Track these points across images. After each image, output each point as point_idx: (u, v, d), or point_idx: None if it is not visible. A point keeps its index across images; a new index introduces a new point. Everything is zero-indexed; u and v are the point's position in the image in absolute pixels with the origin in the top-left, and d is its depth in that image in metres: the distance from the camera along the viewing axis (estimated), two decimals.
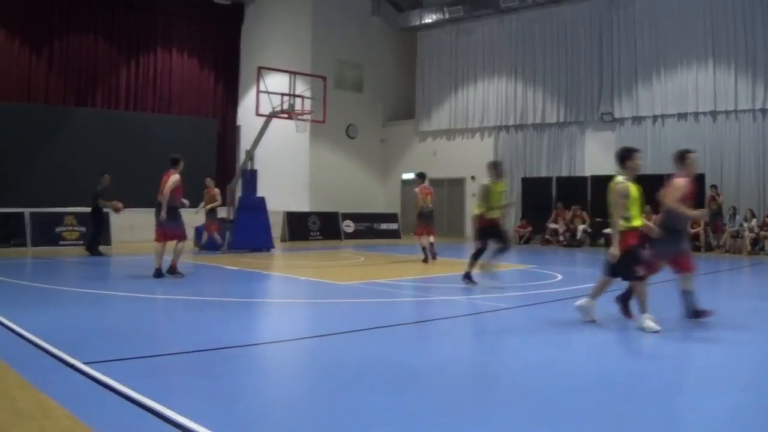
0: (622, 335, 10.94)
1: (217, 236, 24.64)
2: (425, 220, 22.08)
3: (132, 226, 28.66)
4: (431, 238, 22.17)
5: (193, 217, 27.52)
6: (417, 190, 22.51)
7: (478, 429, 6.06)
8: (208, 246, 24.75)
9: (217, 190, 25.08)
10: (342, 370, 8.09)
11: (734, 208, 28.32)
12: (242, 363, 8.58)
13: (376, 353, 9.00)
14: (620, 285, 10.80)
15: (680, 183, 11.53)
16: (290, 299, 14.86)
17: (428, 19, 38.78)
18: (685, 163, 11.90)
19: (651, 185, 29.82)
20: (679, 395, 7.36)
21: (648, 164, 30.94)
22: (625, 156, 11.44)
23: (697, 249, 27.78)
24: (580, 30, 34.13)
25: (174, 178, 17.22)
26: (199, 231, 25.49)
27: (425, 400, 6.90)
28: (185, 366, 8.21)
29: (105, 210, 22.79)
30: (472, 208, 20.67)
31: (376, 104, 40.69)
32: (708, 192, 28.72)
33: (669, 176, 28.47)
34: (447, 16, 37.91)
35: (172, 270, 16.58)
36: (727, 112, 29.77)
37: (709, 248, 28.61)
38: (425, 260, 21.78)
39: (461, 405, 6.82)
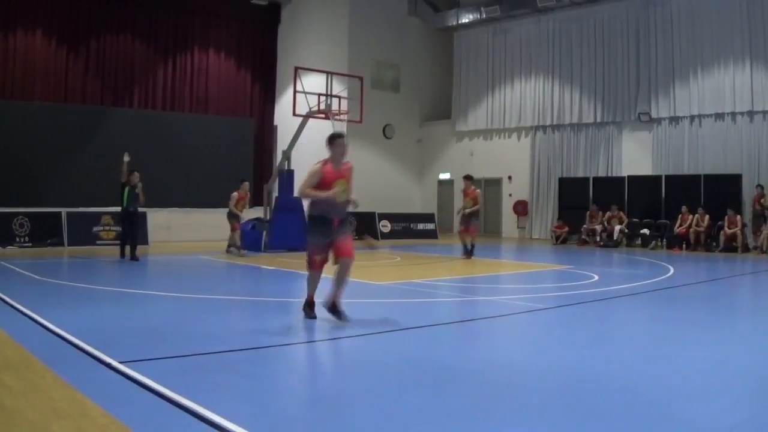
0: (660, 334, 10.75)
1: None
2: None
3: (170, 226, 29.17)
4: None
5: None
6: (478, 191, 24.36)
7: (516, 429, 5.99)
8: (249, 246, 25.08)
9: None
10: (379, 369, 8.06)
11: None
12: (279, 362, 8.62)
13: (414, 353, 8.93)
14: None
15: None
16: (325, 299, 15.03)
17: (465, 19, 38.65)
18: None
19: (689, 185, 30.45)
20: (712, 398, 6.98)
21: (685, 165, 31.40)
22: None
23: (733, 249, 27.76)
24: (617, 29, 33.92)
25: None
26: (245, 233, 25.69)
27: (464, 400, 6.84)
28: (222, 365, 8.15)
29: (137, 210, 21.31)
30: None
31: (413, 104, 40.50)
32: (754, 192, 28.43)
33: (707, 176, 28.74)
34: (484, 16, 37.74)
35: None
36: (764, 113, 29.39)
37: (747, 249, 28.16)
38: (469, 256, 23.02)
39: (499, 405, 6.75)
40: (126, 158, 20.46)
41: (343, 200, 10.79)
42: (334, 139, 10.99)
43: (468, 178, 23.98)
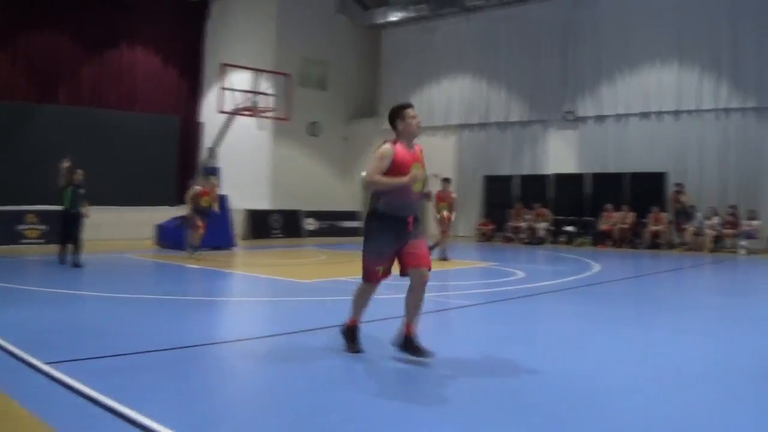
0: (586, 330, 10.78)
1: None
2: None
3: (98, 224, 28.11)
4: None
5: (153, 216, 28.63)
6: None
7: (447, 425, 5.96)
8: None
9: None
10: (307, 368, 7.98)
11: (693, 206, 28.36)
12: (206, 362, 8.46)
13: (340, 351, 8.73)
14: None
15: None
16: (253, 297, 14.66)
17: (393, 17, 38.58)
18: None
19: (615, 183, 30.82)
20: (638, 392, 7.03)
21: (610, 163, 31.70)
22: None
23: (658, 246, 28.21)
24: (545, 29, 34.13)
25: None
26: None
27: (395, 398, 6.84)
28: (149, 365, 7.99)
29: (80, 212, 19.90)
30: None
31: (340, 102, 40.18)
32: (671, 190, 29.26)
33: (633, 174, 29.09)
34: (412, 14, 37.73)
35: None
36: (690, 112, 29.96)
37: (671, 246, 28.73)
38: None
39: (430, 401, 6.74)
40: (65, 164, 18.75)
41: (419, 191, 8.27)
42: (402, 110, 8.40)
43: (447, 180, 23.25)
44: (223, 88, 26.39)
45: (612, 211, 30.07)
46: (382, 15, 39.06)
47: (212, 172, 24.61)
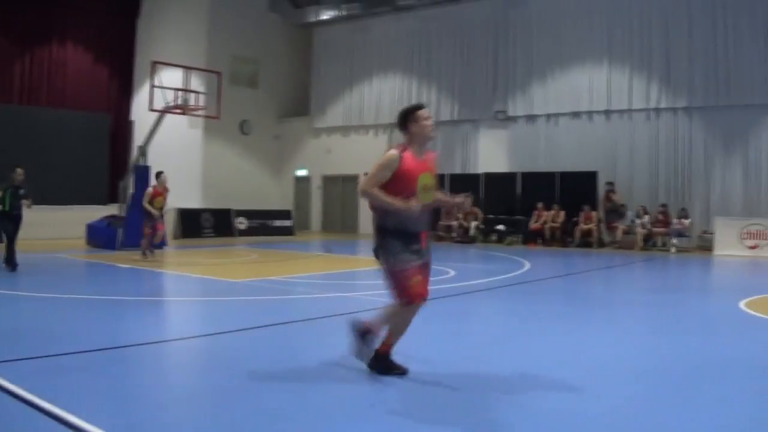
0: (519, 328, 10.85)
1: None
2: None
3: (30, 224, 27.51)
4: None
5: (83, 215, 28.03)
6: None
7: (378, 425, 5.95)
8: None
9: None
10: (239, 367, 7.86)
11: (624, 205, 28.59)
12: (138, 362, 8.27)
13: (273, 351, 8.82)
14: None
15: None
16: (184, 297, 14.45)
17: (325, 16, 38.03)
18: None
19: (545, 182, 30.43)
20: (571, 389, 7.09)
21: (541, 162, 31.53)
22: None
23: (589, 245, 28.26)
24: (476, 29, 33.81)
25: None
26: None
27: (323, 397, 6.76)
28: (79, 365, 7.80)
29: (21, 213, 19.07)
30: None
31: (271, 100, 39.48)
32: (603, 189, 29.25)
33: (563, 173, 29.35)
34: (344, 12, 37.26)
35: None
36: (620, 112, 30.00)
37: (602, 244, 28.71)
38: None
39: (361, 401, 6.70)
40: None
41: (429, 203, 7.40)
42: (414, 111, 7.49)
43: None
44: (154, 86, 25.82)
45: (543, 210, 29.90)
46: (314, 13, 38.43)
47: (160, 171, 22.22)
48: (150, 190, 21.04)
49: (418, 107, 7.58)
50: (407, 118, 7.47)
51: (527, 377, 7.59)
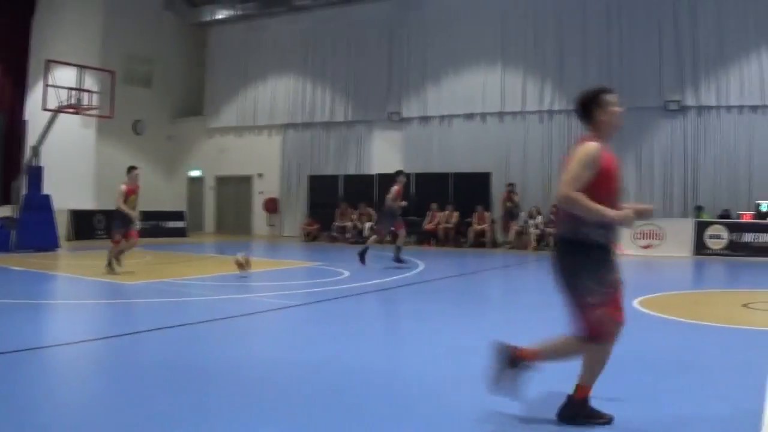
0: (413, 328, 10.90)
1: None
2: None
3: None
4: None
5: None
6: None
7: (273, 427, 5.90)
8: None
9: None
10: (134, 371, 7.77)
11: (517, 206, 28.24)
12: (31, 367, 7.95)
13: (169, 353, 8.62)
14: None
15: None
16: (78, 300, 13.72)
17: (220, 15, 36.58)
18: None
19: (439, 183, 29.11)
20: (466, 388, 7.12)
21: (435, 163, 30.82)
22: None
23: (482, 245, 27.79)
24: (371, 30, 32.90)
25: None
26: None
27: (221, 399, 6.66)
28: None
29: None
30: None
31: (165, 100, 38.05)
32: (504, 190, 28.71)
33: (457, 174, 29.52)
34: (239, 12, 35.89)
35: None
36: (514, 113, 29.66)
37: (495, 245, 28.18)
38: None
39: (257, 403, 6.62)
40: None
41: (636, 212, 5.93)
42: (602, 94, 5.94)
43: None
44: (48, 85, 25.09)
45: (436, 211, 29.18)
46: (210, 13, 36.92)
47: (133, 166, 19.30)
48: (123, 187, 17.54)
49: (605, 90, 5.97)
50: (593, 103, 5.92)
51: (419, 377, 7.58)
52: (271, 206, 35.54)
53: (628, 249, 24.37)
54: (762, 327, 10.81)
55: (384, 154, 32.70)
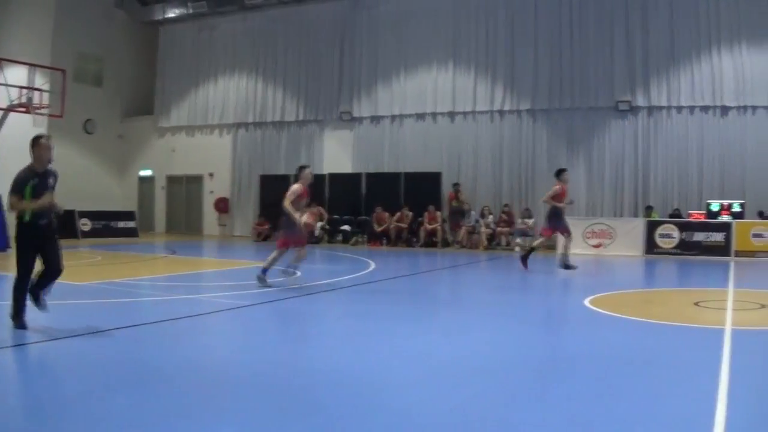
0: (365, 328, 10.65)
1: None
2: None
3: None
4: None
5: None
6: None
7: (227, 428, 5.74)
8: None
9: None
10: (85, 372, 7.56)
11: (468, 205, 27.85)
12: None
13: (120, 354, 8.38)
14: None
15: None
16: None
17: (171, 14, 35.76)
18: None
19: (390, 183, 27.74)
20: (421, 387, 7.07)
21: (386, 163, 30.33)
22: None
23: (433, 244, 27.22)
24: (323, 29, 32.28)
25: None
26: None
27: (174, 400, 6.50)
28: None
29: None
30: None
31: (115, 99, 37.28)
32: (449, 190, 28.27)
33: (408, 174, 29.27)
34: (191, 11, 35.09)
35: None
36: (465, 113, 29.31)
37: (446, 244, 27.58)
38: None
39: (210, 404, 6.49)
40: None
41: None
42: None
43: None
44: None
45: (381, 213, 28.66)
46: (161, 11, 36.02)
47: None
48: (297, 187, 14.76)
49: None
50: None
51: (373, 377, 7.46)
52: (222, 206, 34.90)
53: (578, 248, 24.36)
54: (713, 325, 10.61)
55: (335, 153, 32.03)
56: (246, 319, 11.54)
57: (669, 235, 24.54)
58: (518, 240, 26.40)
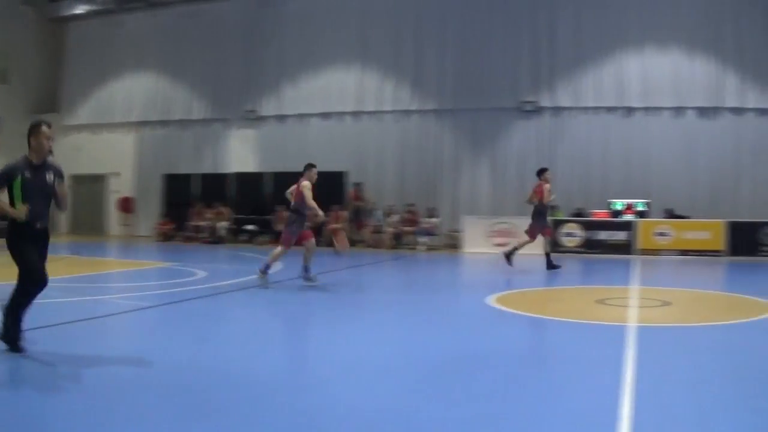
0: (272, 327, 10.68)
1: None
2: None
3: None
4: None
5: None
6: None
7: (133, 429, 5.57)
8: None
9: None
10: None
11: (373, 204, 27.28)
12: None
13: (22, 357, 7.85)
14: None
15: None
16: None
17: (79, 10, 34.17)
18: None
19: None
20: (323, 387, 6.90)
21: (292, 162, 30.68)
22: None
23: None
24: (229, 27, 31.19)
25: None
26: None
27: (76, 402, 6.22)
28: None
29: None
30: None
31: (21, 96, 35.41)
32: (351, 189, 27.32)
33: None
34: (98, 7, 33.58)
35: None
36: (370, 113, 28.65)
37: (352, 243, 26.18)
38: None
39: (112, 406, 6.20)
40: None
41: None
42: None
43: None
44: None
45: (282, 212, 28.57)
46: (68, 7, 34.42)
47: None
48: (308, 183, 15.90)
49: None
50: None
51: (279, 377, 7.33)
52: (126, 206, 33.58)
53: (482, 247, 23.46)
54: (617, 322, 10.50)
55: (240, 152, 30.65)
56: (148, 320, 11.09)
57: (573, 234, 24.09)
58: (423, 239, 25.64)
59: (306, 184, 15.18)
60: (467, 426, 5.62)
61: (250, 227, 28.77)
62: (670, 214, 24.02)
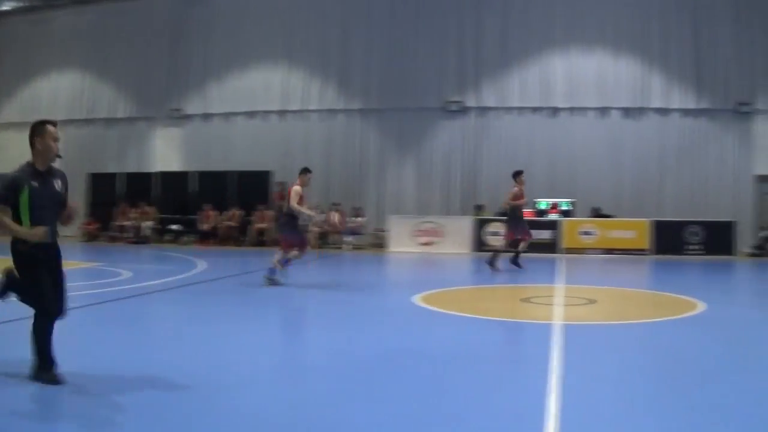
0: (196, 328, 10.29)
1: None
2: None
3: None
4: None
5: None
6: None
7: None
8: None
9: None
10: None
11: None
12: None
13: None
14: None
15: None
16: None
17: (5, 7, 32.60)
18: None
19: (221, 181, 29.51)
20: (251, 387, 6.88)
21: (216, 161, 28.30)
22: None
23: (263, 243, 25.64)
24: (155, 26, 30.45)
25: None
26: None
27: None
28: None
29: None
30: None
31: None
32: (275, 189, 26.71)
33: (239, 173, 28.28)
34: (24, 4, 32.24)
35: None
36: (295, 112, 28.21)
37: (277, 243, 27.89)
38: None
39: (34, 409, 6.15)
40: None
41: None
42: None
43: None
44: None
45: (210, 211, 27.28)
46: None
47: None
48: (299, 189, 15.17)
49: None
50: None
51: (207, 377, 7.12)
52: None
53: (408, 246, 23.00)
54: (541, 320, 10.50)
55: (165, 151, 29.36)
56: (71, 322, 10.63)
57: (498, 233, 24.19)
58: (349, 238, 25.34)
59: (296, 189, 14.72)
60: (395, 425, 5.63)
61: (175, 227, 27.83)
62: (597, 213, 23.59)
